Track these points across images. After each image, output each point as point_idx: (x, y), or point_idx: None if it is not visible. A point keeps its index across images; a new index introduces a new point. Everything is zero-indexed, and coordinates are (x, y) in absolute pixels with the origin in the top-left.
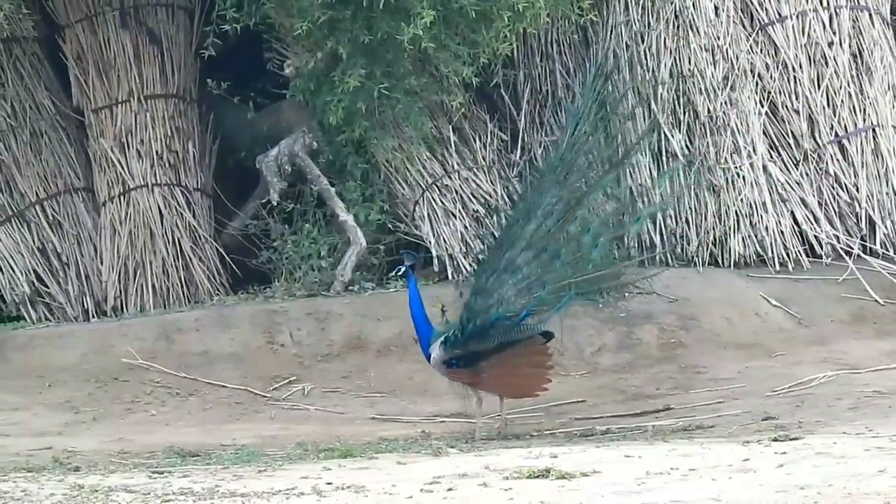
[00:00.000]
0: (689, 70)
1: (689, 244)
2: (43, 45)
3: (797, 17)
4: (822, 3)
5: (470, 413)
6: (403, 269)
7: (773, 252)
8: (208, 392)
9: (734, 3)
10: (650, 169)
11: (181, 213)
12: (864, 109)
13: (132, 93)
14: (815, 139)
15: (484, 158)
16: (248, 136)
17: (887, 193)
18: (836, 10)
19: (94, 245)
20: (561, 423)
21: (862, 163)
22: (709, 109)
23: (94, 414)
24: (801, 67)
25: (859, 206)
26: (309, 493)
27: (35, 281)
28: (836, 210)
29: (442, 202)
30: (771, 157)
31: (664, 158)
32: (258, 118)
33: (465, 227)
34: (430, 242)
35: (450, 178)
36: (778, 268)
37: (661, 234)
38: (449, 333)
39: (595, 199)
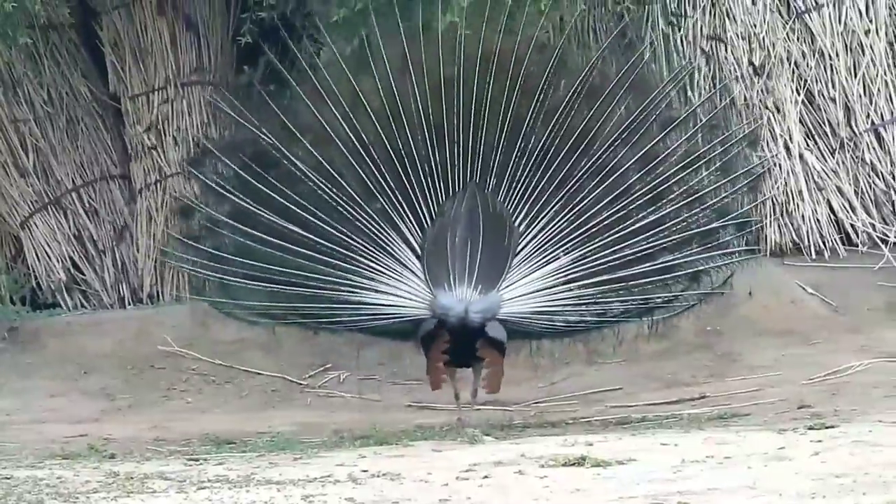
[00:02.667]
0: (725, 58)
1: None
2: (80, 32)
3: (834, 4)
4: None
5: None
6: None
7: (809, 240)
8: (244, 379)
9: None
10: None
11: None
12: None
13: (168, 80)
14: (851, 127)
15: None
16: None
17: None
18: None
19: (130, 232)
20: (597, 410)
21: None
22: (745, 97)
23: (130, 401)
24: (837, 55)
25: (895, 194)
26: (345, 481)
27: (71, 268)
28: (873, 198)
29: None
30: (807, 145)
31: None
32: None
33: None
34: None
35: None
36: (814, 256)
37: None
38: None
39: None
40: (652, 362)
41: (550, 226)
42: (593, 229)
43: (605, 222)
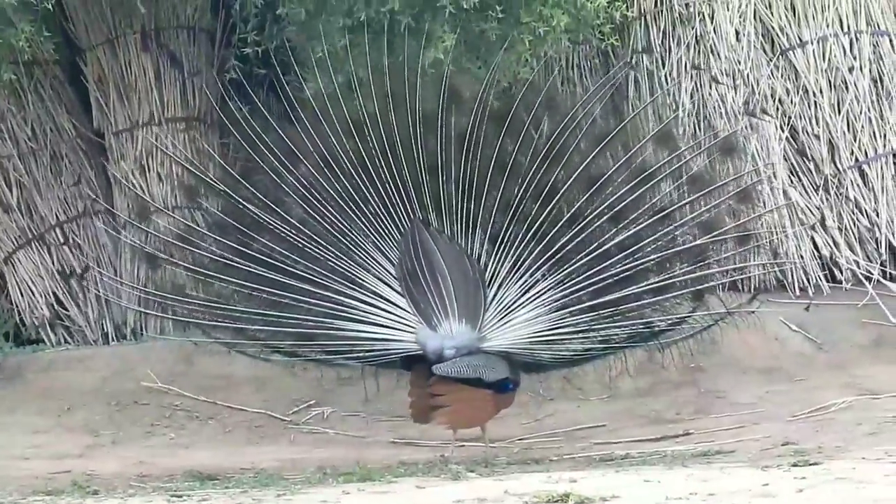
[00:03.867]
0: (710, 94)
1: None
2: (64, 68)
3: (818, 42)
4: (842, 29)
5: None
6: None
7: (793, 277)
8: (228, 415)
9: (755, 28)
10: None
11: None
12: (885, 135)
13: (153, 116)
14: (835, 164)
15: None
16: None
17: None
18: (856, 36)
19: (114, 268)
20: (581, 447)
21: (882, 188)
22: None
23: (114, 437)
24: (821, 92)
25: (879, 231)
26: None
27: (55, 304)
28: (857, 235)
29: None
30: (791, 181)
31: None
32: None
33: None
34: None
35: None
36: (798, 293)
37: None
38: None
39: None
40: (636, 399)
41: (523, 251)
42: (561, 254)
43: (571, 246)
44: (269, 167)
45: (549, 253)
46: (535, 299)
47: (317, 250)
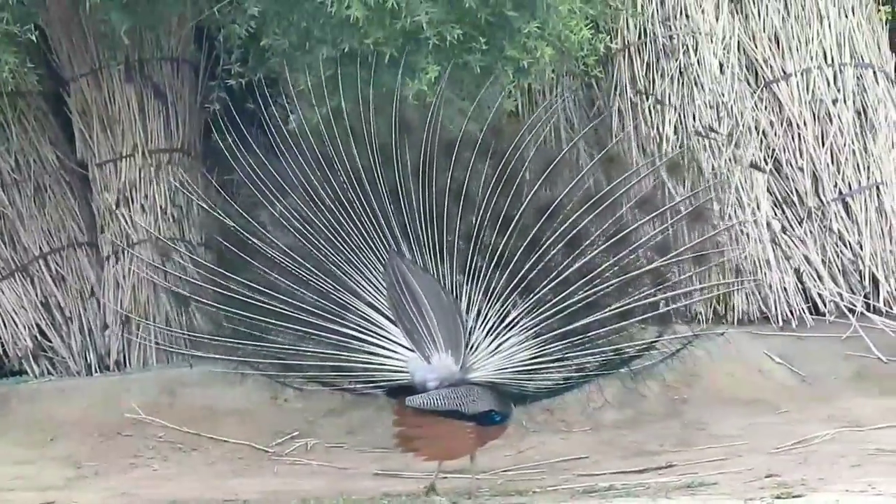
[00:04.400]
0: (694, 127)
1: (691, 300)
2: (48, 99)
3: (801, 74)
4: (826, 61)
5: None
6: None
7: (776, 309)
8: (212, 447)
9: (738, 60)
10: (654, 225)
11: (185, 268)
12: (868, 167)
13: (136, 147)
14: (818, 196)
15: None
16: None
17: (891, 251)
18: (840, 68)
19: (97, 299)
20: (564, 479)
21: (866, 221)
22: (713, 166)
23: (97, 468)
24: (805, 125)
25: (863, 263)
26: None
27: (38, 335)
28: (840, 268)
29: None
30: (775, 214)
31: (668, 215)
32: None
33: None
34: None
35: None
36: (781, 325)
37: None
38: None
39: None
40: (618, 431)
41: (492, 280)
42: (525, 282)
43: (534, 274)
44: (261, 198)
45: (515, 281)
46: (510, 328)
47: (309, 277)
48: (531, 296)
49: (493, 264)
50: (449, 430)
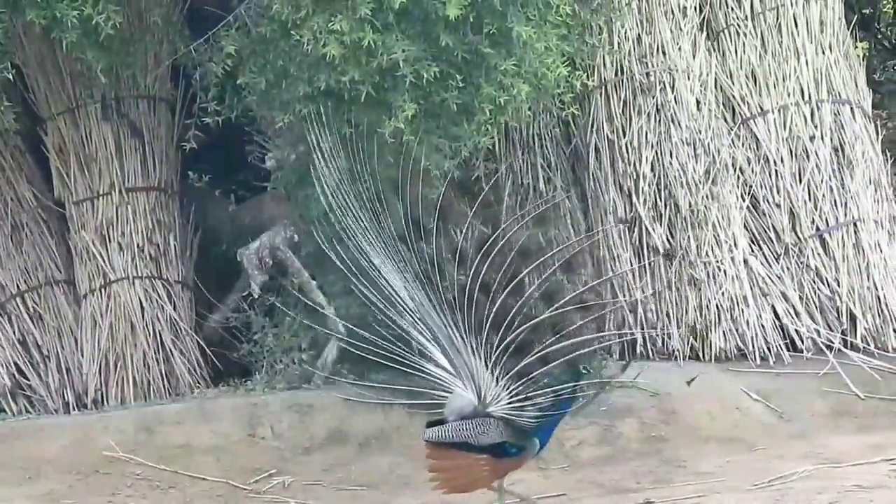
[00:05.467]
0: (671, 164)
1: (669, 338)
2: (24, 138)
3: (779, 111)
4: (803, 97)
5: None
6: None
7: (753, 346)
8: (189, 485)
9: (716, 97)
10: (630, 262)
11: (162, 306)
12: (846, 203)
13: (113, 185)
14: (796, 233)
15: None
16: (229, 229)
17: (868, 288)
18: (817, 105)
19: (74, 337)
20: None
21: (843, 257)
22: (690, 203)
23: None
24: (782, 161)
25: (840, 300)
26: None
27: (16, 373)
28: (817, 304)
29: None
30: (752, 250)
31: (645, 252)
32: (240, 211)
33: None
34: None
35: None
36: (759, 362)
37: (642, 327)
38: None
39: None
40: (596, 468)
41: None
42: (477, 324)
43: (475, 318)
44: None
45: (470, 323)
46: (495, 366)
47: None
48: (484, 338)
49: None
50: (466, 463)
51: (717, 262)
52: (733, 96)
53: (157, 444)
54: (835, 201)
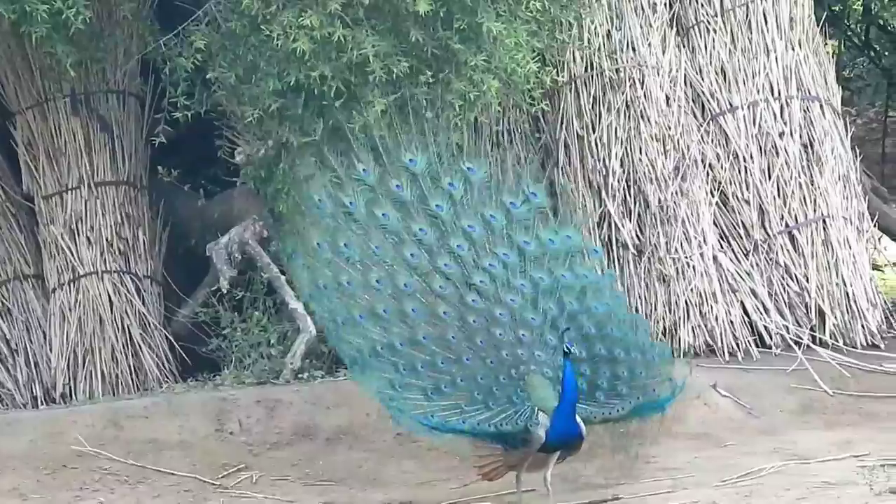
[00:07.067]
0: (640, 160)
1: None
2: None
3: (748, 107)
4: (773, 94)
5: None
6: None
7: (722, 342)
8: (157, 480)
9: (685, 93)
10: (601, 258)
11: (131, 301)
12: (815, 200)
13: (82, 180)
14: (765, 229)
15: None
16: (198, 224)
17: (837, 284)
18: (787, 101)
19: (43, 332)
20: None
21: (812, 253)
22: (659, 199)
23: (43, 501)
24: (751, 158)
25: (809, 296)
26: None
27: None
28: (786, 300)
29: None
30: (721, 247)
31: (614, 248)
32: (208, 206)
33: None
34: None
35: None
36: (727, 358)
37: None
38: None
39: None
40: (565, 464)
41: None
42: None
43: None
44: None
45: None
46: None
47: None
48: None
49: None
50: (487, 454)
51: (687, 258)
52: (703, 92)
53: (126, 439)
54: (804, 198)
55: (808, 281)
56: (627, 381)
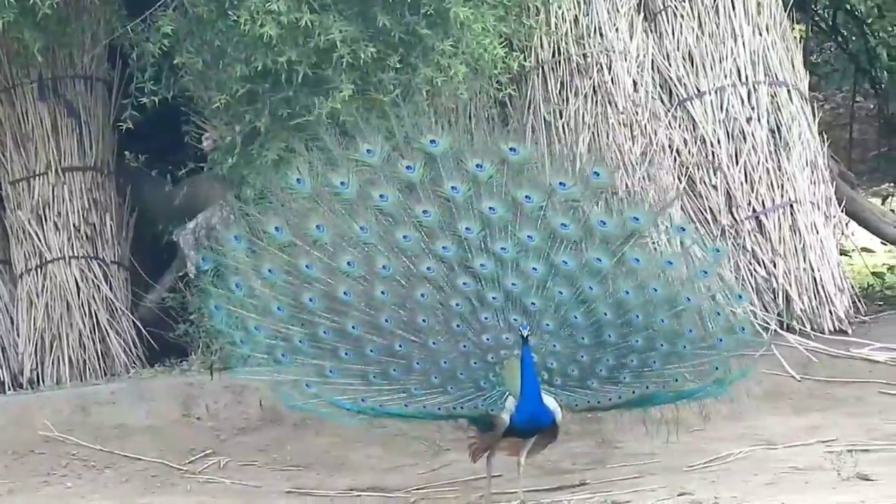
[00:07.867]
0: (607, 145)
1: None
2: None
3: (715, 92)
4: (740, 79)
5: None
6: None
7: None
8: (124, 465)
9: (653, 78)
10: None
11: (98, 286)
12: (782, 185)
13: (50, 165)
14: (732, 215)
15: None
16: (165, 209)
17: (804, 269)
18: (754, 86)
19: (10, 317)
20: (478, 497)
21: (779, 239)
22: (627, 184)
23: (11, 486)
24: (719, 143)
25: (776, 281)
26: None
27: None
28: (753, 286)
29: None
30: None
31: None
32: (176, 191)
33: None
34: None
35: None
36: None
37: None
38: None
39: None
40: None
41: None
42: None
43: None
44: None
45: None
46: None
47: None
48: None
49: None
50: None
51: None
52: (670, 77)
53: (93, 424)
54: (771, 183)
55: (775, 266)
56: (636, 369)
